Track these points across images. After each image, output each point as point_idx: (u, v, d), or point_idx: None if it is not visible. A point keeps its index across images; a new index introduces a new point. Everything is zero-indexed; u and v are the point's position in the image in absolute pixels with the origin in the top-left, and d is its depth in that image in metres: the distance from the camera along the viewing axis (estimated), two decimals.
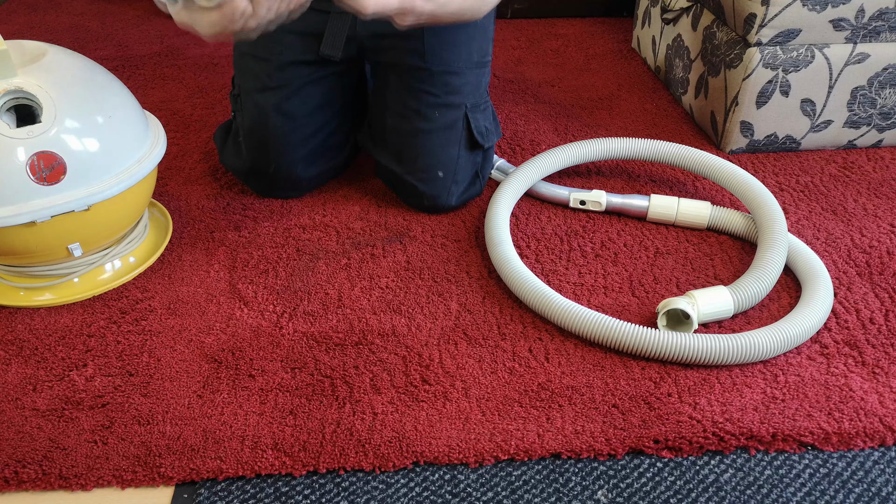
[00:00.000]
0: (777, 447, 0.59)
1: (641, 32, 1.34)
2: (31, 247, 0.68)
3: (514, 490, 0.56)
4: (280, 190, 0.89)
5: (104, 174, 0.68)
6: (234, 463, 0.57)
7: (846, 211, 0.88)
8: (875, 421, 0.60)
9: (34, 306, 0.73)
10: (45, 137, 0.65)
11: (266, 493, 0.56)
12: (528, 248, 0.82)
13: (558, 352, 0.68)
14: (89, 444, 0.59)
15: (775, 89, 0.96)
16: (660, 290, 0.76)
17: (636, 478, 0.57)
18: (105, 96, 0.70)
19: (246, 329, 0.70)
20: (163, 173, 0.96)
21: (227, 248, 0.82)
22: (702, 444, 0.59)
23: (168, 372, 0.65)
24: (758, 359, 0.65)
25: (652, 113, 1.14)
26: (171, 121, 1.10)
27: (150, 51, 1.38)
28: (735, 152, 1.02)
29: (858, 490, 0.56)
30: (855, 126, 1.00)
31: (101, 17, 1.56)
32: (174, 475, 0.56)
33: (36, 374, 0.65)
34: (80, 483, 0.56)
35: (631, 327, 0.65)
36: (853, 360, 0.67)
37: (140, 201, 0.75)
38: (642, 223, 0.86)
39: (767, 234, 0.76)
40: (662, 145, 0.88)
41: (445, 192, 0.85)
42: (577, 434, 0.59)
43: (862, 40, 0.93)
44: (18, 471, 0.57)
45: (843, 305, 0.73)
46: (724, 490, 0.56)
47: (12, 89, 0.64)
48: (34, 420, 0.61)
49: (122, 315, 0.72)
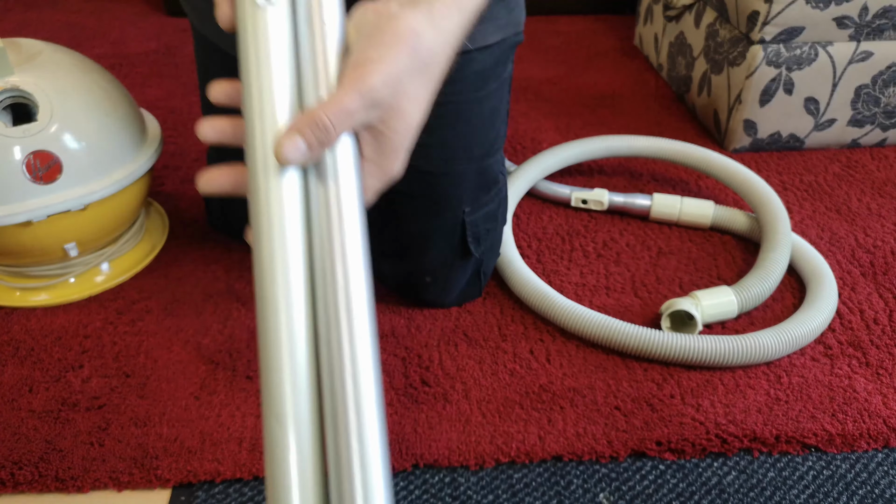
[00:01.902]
0: (780, 449, 0.59)
1: (644, 30, 1.33)
2: (27, 247, 0.68)
3: (515, 493, 0.55)
4: None
5: (100, 173, 0.68)
6: (231, 465, 0.56)
7: (850, 210, 0.88)
8: (879, 422, 0.60)
9: (30, 307, 0.72)
10: (42, 136, 0.64)
11: (264, 495, 0.55)
12: (530, 248, 0.81)
13: (560, 353, 0.67)
14: (86, 446, 0.58)
15: (779, 87, 0.95)
16: (662, 291, 0.75)
17: (638, 480, 0.56)
18: (101, 95, 0.69)
19: (243, 330, 0.70)
20: (159, 172, 0.95)
21: (225, 248, 0.81)
22: (705, 446, 0.58)
23: (165, 373, 0.65)
24: (763, 360, 0.65)
25: (654, 111, 1.13)
26: (167, 119, 1.10)
27: (147, 48, 1.37)
28: (738, 151, 1.01)
29: (862, 492, 0.56)
30: (859, 125, 0.99)
31: (98, 14, 1.55)
32: (171, 477, 0.56)
33: (32, 375, 0.65)
34: (76, 485, 0.56)
35: (634, 328, 0.65)
36: (857, 362, 0.66)
37: (136, 200, 0.74)
38: (645, 222, 0.86)
39: (771, 234, 0.75)
40: (665, 143, 0.88)
41: (438, 295, 0.71)
42: (579, 436, 0.59)
43: (865, 38, 0.92)
44: (14, 473, 0.56)
45: (847, 306, 0.73)
46: (727, 492, 0.55)
47: (8, 88, 0.64)
48: (30, 421, 0.60)
49: (119, 316, 0.71)
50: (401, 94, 0.39)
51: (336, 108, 0.37)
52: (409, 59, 0.39)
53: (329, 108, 0.37)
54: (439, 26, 0.40)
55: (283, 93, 0.38)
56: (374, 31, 0.39)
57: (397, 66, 0.38)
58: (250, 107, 0.38)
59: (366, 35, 0.39)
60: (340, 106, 0.37)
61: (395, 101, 0.39)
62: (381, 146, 0.40)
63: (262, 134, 0.37)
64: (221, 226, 0.82)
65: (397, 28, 0.39)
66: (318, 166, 0.38)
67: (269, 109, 0.37)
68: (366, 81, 0.37)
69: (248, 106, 0.38)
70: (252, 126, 0.38)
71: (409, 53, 0.39)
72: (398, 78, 0.38)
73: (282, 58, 0.38)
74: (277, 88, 0.38)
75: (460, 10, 0.42)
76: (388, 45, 0.38)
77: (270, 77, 0.38)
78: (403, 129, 0.40)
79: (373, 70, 0.37)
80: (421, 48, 0.39)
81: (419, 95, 0.40)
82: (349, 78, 0.38)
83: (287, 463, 0.35)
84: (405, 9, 0.39)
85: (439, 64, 0.41)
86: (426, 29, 0.39)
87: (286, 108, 0.38)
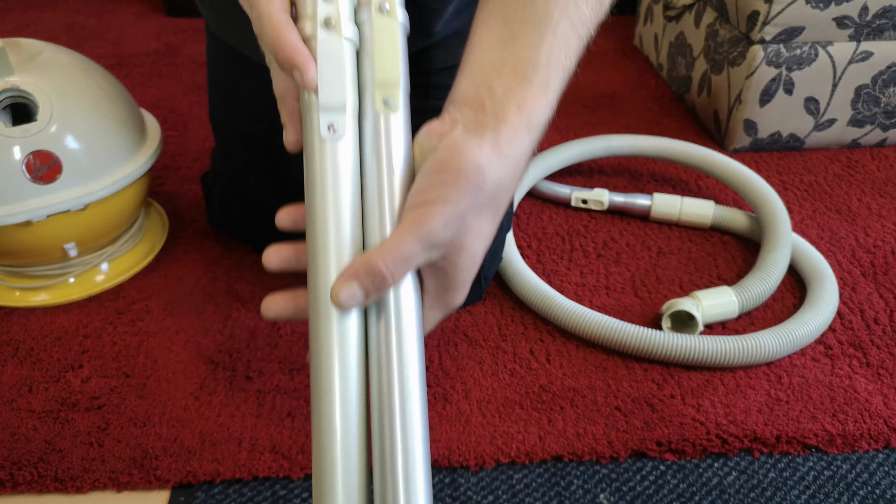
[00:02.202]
0: (781, 449, 0.58)
1: (643, 30, 1.33)
2: (27, 247, 0.68)
3: (515, 493, 0.55)
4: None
5: (100, 173, 0.68)
6: (231, 465, 0.56)
7: (850, 210, 0.88)
8: (880, 423, 0.60)
9: (30, 307, 0.72)
10: (42, 136, 0.64)
11: (264, 496, 0.55)
12: (529, 248, 0.81)
13: (560, 353, 0.67)
14: (85, 446, 0.58)
15: (779, 87, 0.95)
16: (662, 291, 0.75)
17: (639, 481, 0.56)
18: (101, 95, 0.69)
19: (243, 330, 0.70)
20: (159, 172, 0.95)
21: (225, 248, 0.81)
22: (705, 446, 0.58)
23: (165, 373, 0.65)
24: (764, 361, 0.65)
25: (654, 111, 1.13)
26: (167, 119, 1.10)
27: (147, 49, 1.37)
28: (738, 151, 1.01)
29: (863, 493, 0.55)
30: (859, 125, 0.99)
31: (98, 14, 1.55)
32: (171, 478, 0.56)
33: (31, 375, 0.65)
34: (75, 486, 0.55)
35: (634, 328, 0.65)
36: (857, 362, 0.66)
37: (136, 200, 0.74)
38: (645, 222, 0.86)
39: (771, 234, 0.75)
40: (666, 142, 0.88)
41: None
42: (579, 436, 0.59)
43: (866, 38, 0.92)
44: (14, 473, 0.56)
45: (848, 306, 0.72)
46: (728, 493, 0.55)
47: (8, 87, 0.64)
48: (30, 422, 0.60)
49: (119, 316, 0.71)
50: (464, 232, 0.37)
51: (394, 255, 0.35)
52: (472, 197, 0.36)
53: (387, 254, 0.35)
54: (506, 155, 0.37)
55: (346, 228, 0.37)
56: (437, 165, 0.36)
57: (459, 208, 0.36)
58: (314, 242, 0.37)
59: (428, 171, 0.37)
60: (399, 252, 0.35)
61: (458, 240, 0.37)
62: (443, 282, 0.39)
63: (326, 272, 0.37)
64: (221, 224, 0.82)
65: (460, 164, 0.36)
66: (379, 304, 0.37)
67: (333, 245, 0.37)
68: (425, 226, 0.35)
69: (312, 240, 0.37)
70: (315, 261, 0.37)
71: (472, 191, 0.36)
72: (461, 218, 0.36)
73: (346, 191, 0.37)
74: (342, 224, 0.37)
75: (529, 130, 0.38)
76: (449, 185, 0.36)
77: (337, 212, 0.37)
78: (467, 265, 0.38)
79: (433, 213, 0.35)
80: (486, 185, 0.36)
81: (483, 229, 0.38)
82: (409, 220, 0.36)
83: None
84: (469, 137, 0.37)
85: (506, 194, 0.38)
86: (492, 161, 0.36)
87: (349, 246, 0.37)
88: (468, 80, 0.39)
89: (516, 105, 0.38)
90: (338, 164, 0.37)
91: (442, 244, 0.36)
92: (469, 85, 0.39)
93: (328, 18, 0.38)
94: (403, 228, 0.36)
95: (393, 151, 0.38)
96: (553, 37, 0.39)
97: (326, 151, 0.37)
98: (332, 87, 0.37)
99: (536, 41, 0.39)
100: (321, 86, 0.37)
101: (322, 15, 0.38)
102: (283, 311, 0.40)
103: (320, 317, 0.37)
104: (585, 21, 0.41)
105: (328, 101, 0.37)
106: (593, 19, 0.42)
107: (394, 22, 0.39)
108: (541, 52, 0.39)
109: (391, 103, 0.38)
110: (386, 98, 0.38)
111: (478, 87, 0.38)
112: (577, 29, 0.41)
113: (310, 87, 0.37)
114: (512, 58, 0.39)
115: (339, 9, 0.38)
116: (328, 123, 0.37)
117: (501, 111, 0.37)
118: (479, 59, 0.40)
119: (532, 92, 0.38)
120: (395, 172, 0.38)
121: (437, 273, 0.38)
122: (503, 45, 0.39)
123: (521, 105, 0.38)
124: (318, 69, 0.37)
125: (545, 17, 0.39)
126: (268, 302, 0.40)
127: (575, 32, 0.41)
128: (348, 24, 0.38)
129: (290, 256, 0.40)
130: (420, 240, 0.35)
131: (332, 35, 0.37)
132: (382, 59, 0.38)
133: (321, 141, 0.37)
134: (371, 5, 0.38)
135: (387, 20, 0.38)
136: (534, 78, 0.38)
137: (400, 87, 0.38)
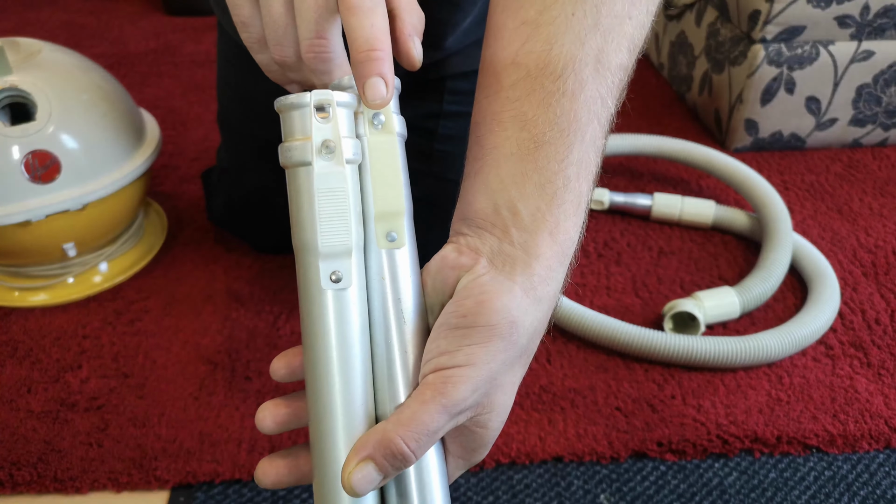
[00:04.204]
0: (782, 450, 0.58)
1: None
2: (26, 246, 0.67)
3: (516, 494, 0.55)
4: None
5: (99, 173, 0.67)
6: (230, 466, 0.56)
7: (852, 210, 0.87)
8: (880, 423, 0.60)
9: (29, 307, 0.72)
10: (40, 136, 0.64)
11: (263, 496, 0.55)
12: None
13: (560, 354, 0.67)
14: (84, 447, 0.58)
15: (780, 87, 0.95)
16: (663, 291, 0.75)
17: (639, 481, 0.56)
18: (100, 94, 0.69)
19: (242, 330, 0.69)
20: (158, 172, 0.95)
21: (224, 248, 0.81)
22: (706, 446, 0.58)
23: (164, 374, 0.64)
24: (765, 362, 0.64)
25: (655, 111, 1.12)
26: (166, 118, 1.09)
27: (146, 48, 1.37)
28: (740, 150, 1.01)
29: (863, 493, 0.55)
30: (860, 124, 0.99)
31: (97, 14, 1.55)
32: (170, 478, 0.56)
33: (30, 375, 0.64)
34: (75, 486, 0.55)
35: (634, 329, 0.64)
36: (858, 362, 0.66)
37: (135, 200, 0.74)
38: (646, 222, 0.86)
39: (773, 234, 0.75)
40: (667, 141, 0.88)
41: None
42: (580, 437, 0.59)
43: (867, 37, 0.92)
44: (13, 473, 0.56)
45: (849, 306, 0.72)
46: (729, 493, 0.55)
47: (7, 87, 0.63)
48: (29, 422, 0.60)
49: (118, 316, 0.71)
50: (494, 391, 0.31)
51: (416, 430, 0.29)
52: (504, 354, 0.31)
53: (408, 428, 0.29)
54: (541, 297, 0.32)
55: (355, 390, 0.31)
56: (461, 317, 0.31)
57: (489, 370, 0.30)
58: (317, 405, 0.32)
59: (452, 326, 0.31)
60: (422, 427, 0.29)
61: (487, 400, 0.31)
62: (469, 444, 0.33)
63: (333, 445, 0.31)
64: (221, 222, 0.82)
65: (490, 318, 0.30)
66: (398, 477, 0.32)
67: (340, 412, 0.31)
68: (451, 394, 0.30)
69: (315, 403, 0.32)
70: (319, 429, 0.32)
71: (504, 349, 0.31)
72: (492, 380, 0.31)
73: (354, 347, 0.31)
74: (349, 386, 0.31)
75: (562, 261, 0.33)
76: (478, 344, 0.30)
77: (344, 374, 0.31)
78: (496, 425, 0.33)
79: (461, 378, 0.30)
80: (520, 338, 0.31)
81: (514, 381, 0.33)
82: (432, 386, 0.30)
83: None
84: (498, 279, 0.31)
85: (538, 339, 0.33)
86: (526, 311, 0.31)
87: (360, 413, 0.31)
88: (484, 196, 0.32)
89: (548, 232, 0.32)
90: (343, 316, 0.31)
91: (470, 409, 0.31)
92: (486, 202, 0.32)
93: (327, 142, 0.31)
94: (426, 397, 0.30)
95: (402, 295, 0.32)
96: (581, 143, 0.33)
97: (328, 303, 0.31)
98: (334, 233, 0.31)
99: (564, 150, 0.32)
100: (321, 231, 0.31)
101: (319, 139, 0.31)
102: (283, 478, 0.34)
103: (328, 499, 0.31)
104: (611, 119, 0.35)
105: (330, 248, 0.31)
106: (614, 111, 0.35)
107: (391, 137, 0.33)
108: (570, 162, 0.32)
109: (395, 238, 0.33)
110: (389, 232, 0.33)
111: (497, 206, 0.32)
112: (604, 128, 0.34)
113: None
114: (537, 172, 0.32)
115: (339, 128, 0.31)
116: (330, 272, 0.31)
117: (532, 242, 0.31)
118: (495, 169, 0.33)
119: (563, 214, 0.32)
120: (406, 322, 0.32)
121: (463, 434, 0.33)
122: (525, 154, 0.32)
123: (554, 232, 0.32)
124: (317, 210, 0.31)
125: (573, 120, 0.32)
126: (263, 467, 0.34)
127: (602, 132, 0.34)
128: (350, 142, 0.31)
129: (289, 417, 0.34)
130: (446, 409, 0.30)
131: (333, 164, 0.31)
132: (383, 185, 0.32)
133: (321, 292, 0.31)
134: (364, 118, 0.33)
135: (382, 136, 0.33)
136: (565, 196, 0.32)
137: (404, 217, 0.33)
